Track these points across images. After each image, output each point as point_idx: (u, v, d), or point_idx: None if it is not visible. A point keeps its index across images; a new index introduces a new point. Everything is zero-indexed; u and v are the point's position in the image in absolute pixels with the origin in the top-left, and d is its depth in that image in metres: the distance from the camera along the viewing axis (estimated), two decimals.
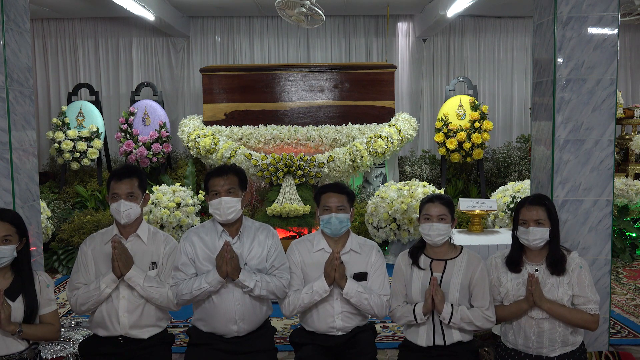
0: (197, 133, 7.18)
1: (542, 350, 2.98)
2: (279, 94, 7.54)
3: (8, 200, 3.64)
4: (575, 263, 3.02)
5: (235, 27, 9.08)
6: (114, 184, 3.14)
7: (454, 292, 3.02)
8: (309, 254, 3.27)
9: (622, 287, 5.40)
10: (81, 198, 7.16)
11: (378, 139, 6.99)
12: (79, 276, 3.17)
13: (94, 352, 3.17)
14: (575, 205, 3.77)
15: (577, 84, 3.73)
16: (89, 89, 7.85)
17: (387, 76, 7.58)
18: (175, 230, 6.11)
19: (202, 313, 3.22)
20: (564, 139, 3.75)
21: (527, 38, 9.07)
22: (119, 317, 3.11)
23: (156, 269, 3.18)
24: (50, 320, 2.93)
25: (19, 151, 3.74)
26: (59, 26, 8.95)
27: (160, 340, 3.24)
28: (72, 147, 7.31)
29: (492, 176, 8.07)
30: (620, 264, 6.11)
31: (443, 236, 3.06)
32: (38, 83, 8.94)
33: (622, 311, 4.74)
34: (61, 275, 5.98)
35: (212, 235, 3.21)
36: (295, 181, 6.68)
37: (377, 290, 3.23)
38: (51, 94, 9.04)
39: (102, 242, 3.19)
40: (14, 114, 3.69)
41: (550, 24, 3.76)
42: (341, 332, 3.23)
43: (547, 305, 2.93)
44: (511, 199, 6.14)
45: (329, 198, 3.22)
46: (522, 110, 9.23)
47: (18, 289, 2.83)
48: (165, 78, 9.11)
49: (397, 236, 6.03)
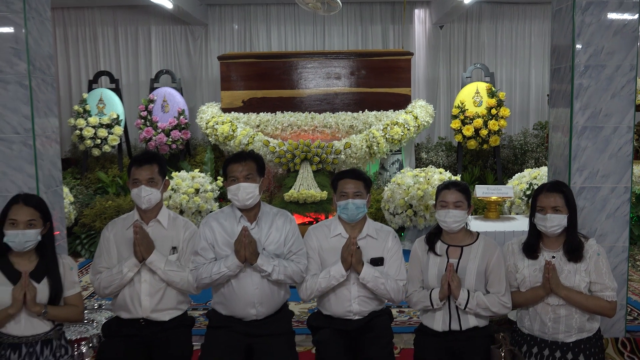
0: (215, 120, 7.20)
1: (558, 336, 2.97)
2: (296, 81, 7.53)
3: (32, 185, 3.69)
4: (593, 250, 2.99)
5: (252, 14, 9.06)
6: (135, 170, 3.17)
7: (470, 278, 3.01)
8: (326, 240, 3.27)
9: (639, 274, 5.34)
10: (102, 184, 7.23)
11: (394, 125, 6.95)
12: (101, 260, 3.21)
13: (116, 334, 3.22)
14: (592, 192, 3.73)
15: (596, 70, 3.67)
16: (109, 76, 7.89)
17: (403, 63, 7.53)
18: (195, 216, 6.15)
19: (222, 297, 3.24)
20: (582, 126, 3.70)
21: (545, 24, 8.93)
22: (141, 300, 3.14)
23: (176, 254, 3.21)
24: (74, 302, 2.97)
25: (41, 138, 3.78)
26: (79, 15, 8.99)
27: (181, 322, 3.27)
28: (93, 134, 7.37)
29: (509, 163, 8.01)
30: (637, 251, 6.05)
31: (459, 223, 3.04)
32: (59, 71, 9.00)
33: (639, 298, 4.70)
34: (84, 259, 6.06)
35: (231, 221, 3.23)
36: (312, 168, 6.68)
37: (394, 275, 3.23)
38: (72, 82, 9.10)
39: (123, 227, 3.22)
40: (36, 101, 3.73)
41: (569, 10, 3.70)
42: (358, 317, 3.24)
43: (564, 292, 2.91)
44: (528, 186, 6.09)
45: (346, 184, 3.21)
46: (540, 97, 9.11)
47: (43, 271, 2.87)
48: (183, 66, 9.13)
49: (413, 222, 6.02)
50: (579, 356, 2.93)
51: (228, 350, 3.15)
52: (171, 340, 3.18)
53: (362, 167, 6.90)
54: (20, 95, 3.66)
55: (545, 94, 8.84)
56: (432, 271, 3.07)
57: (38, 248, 2.88)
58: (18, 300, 2.75)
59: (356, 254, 3.11)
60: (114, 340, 3.20)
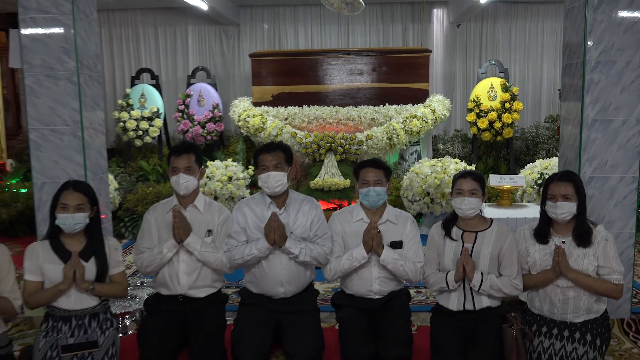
0: (246, 113, 7.22)
1: (566, 316, 2.93)
2: (322, 77, 7.50)
3: (80, 173, 3.74)
4: (601, 236, 2.94)
5: (281, 15, 9.04)
6: (174, 159, 3.19)
7: (484, 261, 2.99)
8: (349, 224, 3.27)
9: None
10: (144, 172, 7.31)
11: (413, 118, 6.90)
12: (143, 241, 3.25)
13: (157, 309, 3.26)
14: (601, 182, 3.66)
15: (607, 66, 3.58)
16: (150, 73, 7.95)
17: (422, 60, 7.45)
18: (228, 202, 6.19)
19: (252, 276, 3.27)
20: (592, 119, 3.63)
21: (557, 22, 8.74)
22: (179, 278, 3.18)
23: (211, 236, 3.24)
24: (119, 279, 3.02)
25: (89, 129, 3.83)
26: (123, 16, 9.07)
27: (215, 299, 3.31)
28: (135, 126, 7.45)
29: (521, 154, 7.89)
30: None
31: (474, 210, 3.01)
32: (105, 68, 9.09)
33: None
34: (127, 240, 6.14)
35: (261, 207, 3.24)
36: (336, 157, 6.67)
37: (412, 257, 3.22)
38: (116, 78, 9.20)
39: (163, 212, 3.26)
40: (84, 96, 3.77)
41: (581, 8, 3.61)
42: (378, 296, 3.24)
43: (573, 275, 2.87)
44: (539, 176, 6.00)
45: (368, 173, 3.20)
46: (551, 91, 8.95)
47: (90, 251, 2.92)
48: (218, 63, 9.15)
49: (430, 209, 5.98)
50: (586, 335, 2.90)
51: (258, 325, 3.18)
52: (206, 315, 3.21)
53: (382, 157, 6.87)
54: (70, 90, 3.70)
55: (557, 89, 8.68)
56: (448, 255, 3.05)
57: (86, 230, 2.93)
58: (68, 277, 2.81)
59: (377, 238, 3.11)
60: (155, 315, 3.25)
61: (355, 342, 3.12)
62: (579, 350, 2.87)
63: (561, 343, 2.90)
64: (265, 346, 3.17)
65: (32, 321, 3.79)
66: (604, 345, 2.94)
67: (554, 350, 2.90)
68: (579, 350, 2.87)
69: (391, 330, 3.14)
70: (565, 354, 2.88)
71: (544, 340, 2.94)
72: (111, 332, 2.96)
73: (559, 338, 2.91)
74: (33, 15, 3.64)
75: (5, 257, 2.81)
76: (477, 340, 2.96)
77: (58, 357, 2.76)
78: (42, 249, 2.89)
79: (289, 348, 3.15)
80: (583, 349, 2.87)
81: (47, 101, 3.70)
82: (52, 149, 3.74)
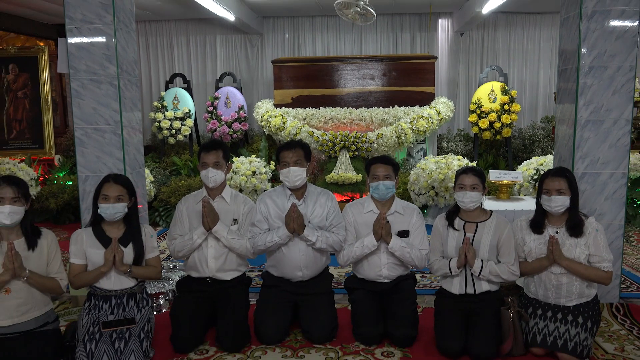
0: (269, 114, 7.22)
1: (560, 300, 2.90)
2: (337, 81, 7.47)
3: (120, 167, 3.77)
4: (592, 227, 2.89)
5: (300, 25, 9.00)
6: (204, 155, 3.20)
7: (484, 249, 2.96)
8: (360, 215, 3.26)
9: (632, 249, 5.15)
10: (176, 166, 7.35)
11: (420, 119, 6.84)
12: (176, 229, 3.27)
13: (187, 289, 3.29)
14: (593, 177, 3.60)
15: (599, 71, 3.52)
16: (182, 78, 7.98)
17: (428, 66, 7.37)
18: (251, 194, 6.21)
19: (274, 261, 3.27)
20: (585, 119, 3.57)
21: (553, 31, 8.60)
22: (208, 262, 3.20)
23: (237, 225, 3.25)
24: (154, 263, 3.03)
25: (128, 128, 3.86)
26: (158, 26, 9.10)
27: (240, 281, 3.32)
28: (169, 125, 7.49)
29: (519, 152, 7.79)
30: (631, 229, 5.82)
31: (475, 203, 2.99)
32: (142, 73, 9.14)
33: (632, 269, 4.53)
34: (161, 228, 6.18)
35: (282, 198, 3.24)
36: (350, 154, 6.65)
37: (418, 245, 3.20)
38: (152, 82, 9.24)
39: (194, 202, 3.27)
40: (124, 98, 3.80)
41: (576, 18, 3.55)
42: (387, 280, 3.23)
43: (566, 263, 2.83)
44: (535, 171, 5.91)
45: (378, 168, 3.19)
46: (547, 94, 8.81)
47: (129, 238, 2.94)
48: (243, 68, 9.16)
49: (435, 201, 5.93)
50: (578, 318, 2.86)
51: (279, 305, 3.19)
52: (232, 295, 3.22)
53: (391, 154, 6.82)
54: (111, 93, 3.73)
55: (552, 92, 8.55)
56: (451, 243, 3.03)
57: (125, 218, 2.95)
58: (109, 261, 2.83)
59: (386, 227, 3.10)
60: (186, 295, 3.27)
61: (366, 321, 3.12)
62: (571, 332, 2.83)
63: (555, 324, 2.87)
64: (285, 324, 3.18)
65: (77, 299, 3.84)
66: (594, 327, 2.90)
67: (548, 331, 2.87)
68: (572, 332, 2.83)
69: (399, 311, 3.13)
70: (558, 334, 2.84)
71: (539, 321, 2.91)
72: (147, 310, 2.98)
73: (552, 320, 2.88)
74: (78, 25, 3.67)
75: (53, 242, 2.85)
76: (477, 321, 2.94)
77: (99, 332, 2.78)
78: (86, 235, 2.91)
79: (306, 326, 3.16)
80: (575, 330, 2.83)
81: (91, 103, 3.73)
82: (95, 145, 3.77)
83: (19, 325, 2.70)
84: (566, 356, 2.82)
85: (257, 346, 3.11)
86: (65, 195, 6.39)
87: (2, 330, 2.67)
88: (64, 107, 8.81)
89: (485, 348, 2.85)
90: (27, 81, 7.55)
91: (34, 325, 2.75)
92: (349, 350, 3.06)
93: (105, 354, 2.70)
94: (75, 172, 3.98)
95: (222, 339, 3.07)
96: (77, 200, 3.98)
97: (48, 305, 2.86)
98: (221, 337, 3.08)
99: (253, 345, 3.12)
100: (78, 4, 3.64)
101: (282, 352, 3.04)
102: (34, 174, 6.58)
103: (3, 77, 7.50)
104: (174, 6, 7.78)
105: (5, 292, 2.65)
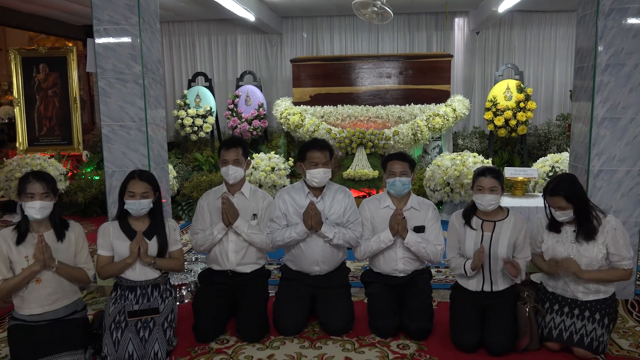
0: (287, 112, 7.22)
1: (577, 294, 2.86)
2: (354, 80, 7.43)
3: (145, 163, 3.80)
4: (610, 225, 2.83)
5: (319, 24, 8.98)
6: (224, 152, 3.21)
7: (502, 247, 2.92)
8: (377, 210, 3.24)
9: None
10: (198, 162, 7.40)
11: (436, 117, 6.78)
12: (197, 224, 3.29)
13: (209, 281, 3.31)
14: (609, 175, 3.53)
15: (616, 69, 3.44)
16: (204, 76, 8.02)
17: (444, 64, 7.29)
18: (271, 189, 6.22)
19: (292, 255, 3.28)
20: (601, 117, 3.49)
21: (569, 29, 8.44)
22: (228, 256, 3.21)
23: (256, 220, 3.26)
24: (177, 255, 3.06)
25: (152, 125, 3.89)
26: (181, 27, 9.16)
27: (260, 274, 3.33)
28: (191, 122, 7.54)
29: (534, 149, 7.67)
30: None
31: (494, 205, 2.93)
32: (165, 72, 9.21)
33: None
34: (184, 222, 6.23)
35: (300, 195, 3.24)
36: (366, 151, 6.62)
37: (433, 240, 3.18)
38: (175, 81, 9.32)
39: (215, 197, 3.29)
40: (148, 96, 3.82)
41: (593, 16, 3.47)
42: (402, 274, 3.21)
43: (587, 276, 2.80)
44: (550, 168, 5.83)
45: (394, 165, 3.17)
46: (563, 92, 8.66)
47: (153, 231, 2.97)
48: (262, 67, 9.17)
49: (450, 197, 5.88)
50: (595, 314, 2.81)
51: (297, 298, 3.20)
52: (252, 288, 3.24)
53: (407, 151, 6.77)
54: (136, 91, 3.76)
55: (568, 90, 8.40)
56: (469, 243, 2.99)
57: (149, 212, 2.97)
58: (134, 253, 2.87)
59: (402, 223, 3.08)
60: (207, 287, 3.30)
61: (382, 314, 3.11)
62: (587, 327, 2.79)
63: (571, 320, 2.83)
64: (303, 316, 3.19)
65: (104, 289, 3.90)
66: (611, 324, 2.85)
67: (564, 326, 2.83)
68: (588, 327, 2.78)
69: (414, 304, 3.11)
70: (575, 329, 2.80)
71: (556, 317, 2.87)
72: (170, 300, 3.02)
73: (569, 316, 2.84)
74: (105, 26, 3.71)
75: (80, 234, 2.89)
76: (493, 316, 2.91)
77: (125, 321, 2.82)
78: (112, 228, 2.96)
79: (323, 318, 3.16)
80: (592, 326, 2.78)
81: (117, 101, 3.77)
82: (121, 142, 3.80)
83: (49, 314, 2.76)
84: (582, 351, 2.77)
85: (276, 337, 3.13)
86: (92, 190, 6.49)
87: (34, 317, 2.73)
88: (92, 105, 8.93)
89: (502, 342, 2.82)
90: (56, 80, 7.68)
91: (63, 313, 2.80)
92: (365, 342, 3.05)
93: (131, 342, 2.74)
94: (102, 167, 4.03)
95: (242, 330, 3.09)
96: (104, 195, 4.03)
97: (76, 294, 2.91)
98: (241, 327, 3.10)
99: (272, 336, 3.13)
100: (105, 6, 3.67)
101: (300, 342, 3.05)
102: (63, 169, 6.69)
103: (34, 76, 7.63)
104: (196, 7, 7.82)
105: (36, 282, 2.71)
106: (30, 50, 7.71)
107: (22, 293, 2.72)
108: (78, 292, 2.93)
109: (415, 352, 2.94)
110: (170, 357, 2.88)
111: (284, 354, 2.93)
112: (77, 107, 7.70)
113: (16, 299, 2.74)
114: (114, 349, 2.73)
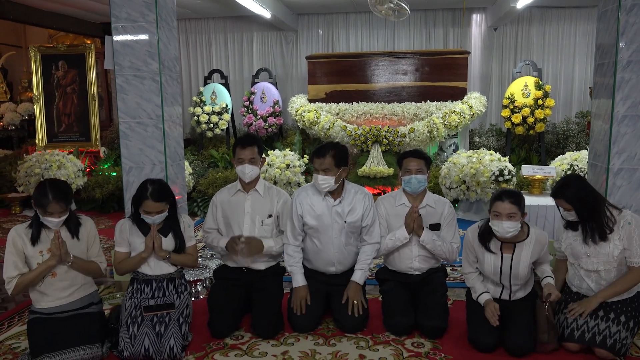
0: (303, 109, 7.22)
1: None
2: (369, 77, 7.40)
3: (161, 159, 3.82)
4: (625, 220, 2.76)
5: (334, 21, 8.96)
6: (239, 150, 3.21)
7: (523, 269, 2.86)
8: (392, 208, 3.23)
9: None
10: (214, 159, 7.45)
11: (452, 114, 6.72)
12: (210, 222, 3.33)
13: (223, 277, 3.33)
14: (630, 173, 3.47)
15: (638, 65, 3.37)
16: (220, 73, 8.06)
17: (461, 61, 7.23)
18: (286, 186, 6.23)
19: (308, 255, 3.28)
20: (622, 114, 3.43)
21: (588, 25, 8.29)
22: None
23: (271, 218, 3.26)
24: (191, 251, 3.08)
25: (169, 122, 3.91)
26: (198, 24, 9.21)
27: (274, 271, 3.34)
28: (207, 119, 7.58)
29: (552, 147, 7.56)
30: None
31: (512, 232, 2.77)
32: (182, 69, 9.27)
33: None
34: (199, 218, 6.27)
35: (317, 197, 3.21)
36: (382, 148, 6.59)
37: (449, 239, 3.15)
38: (191, 78, 9.37)
39: (228, 194, 3.31)
40: (165, 93, 3.84)
41: (614, 11, 3.40)
42: (418, 272, 3.19)
43: (600, 301, 2.77)
44: (569, 167, 5.74)
45: (410, 162, 3.14)
46: (582, 89, 8.52)
47: (169, 228, 3.00)
48: (278, 64, 9.18)
49: (466, 195, 5.83)
50: (620, 316, 2.75)
51: (312, 294, 3.20)
52: (266, 284, 3.25)
53: (423, 148, 6.73)
54: (153, 88, 3.78)
55: (588, 87, 8.27)
56: (488, 265, 2.90)
57: None
58: (149, 247, 2.91)
59: (417, 220, 3.06)
60: (222, 283, 3.31)
61: (396, 312, 3.09)
62: (611, 329, 2.72)
63: (595, 321, 2.76)
64: (318, 313, 3.19)
65: (120, 285, 3.94)
66: (636, 327, 2.78)
67: (587, 327, 2.77)
68: (612, 329, 2.72)
69: (429, 303, 3.09)
70: (598, 331, 2.74)
71: (578, 318, 2.81)
72: (185, 295, 3.04)
73: (593, 317, 2.78)
74: (123, 24, 3.74)
75: (92, 228, 2.94)
76: (511, 315, 2.87)
77: (141, 315, 2.85)
78: (129, 224, 3.00)
79: (338, 315, 3.16)
80: (616, 328, 2.72)
81: (134, 97, 3.80)
82: (138, 138, 3.83)
83: (66, 306, 2.81)
84: (604, 352, 2.72)
85: (290, 333, 3.13)
86: (110, 186, 6.56)
87: (51, 310, 2.78)
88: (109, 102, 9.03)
89: (522, 342, 2.77)
90: (75, 77, 7.78)
91: (80, 305, 2.85)
92: (379, 340, 3.05)
93: (147, 336, 2.77)
94: (120, 163, 4.07)
95: (257, 326, 3.10)
96: (121, 191, 4.08)
97: (92, 287, 2.96)
98: (256, 323, 3.11)
99: (286, 333, 3.14)
100: (123, 3, 3.70)
101: (315, 339, 3.06)
102: (81, 165, 6.78)
103: (53, 73, 7.74)
104: (213, 4, 7.85)
105: (52, 276, 2.77)
106: (49, 48, 7.82)
107: (39, 287, 2.77)
108: (93, 285, 2.98)
109: (430, 350, 2.92)
110: (185, 352, 2.91)
111: (299, 350, 2.93)
112: (95, 104, 7.79)
113: (33, 293, 2.80)
114: (130, 343, 2.76)
